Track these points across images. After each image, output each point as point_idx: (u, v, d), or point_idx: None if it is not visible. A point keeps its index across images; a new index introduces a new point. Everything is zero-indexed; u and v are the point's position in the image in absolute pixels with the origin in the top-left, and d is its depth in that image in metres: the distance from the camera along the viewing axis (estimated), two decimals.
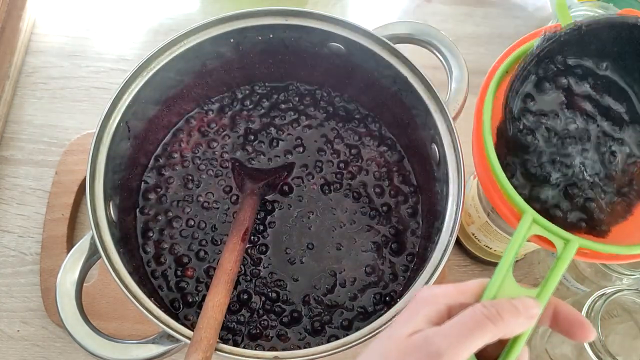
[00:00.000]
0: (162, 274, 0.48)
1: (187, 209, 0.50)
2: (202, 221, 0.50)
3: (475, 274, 0.57)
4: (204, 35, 0.46)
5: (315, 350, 0.38)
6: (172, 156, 0.52)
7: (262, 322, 0.47)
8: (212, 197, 0.51)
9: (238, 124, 0.53)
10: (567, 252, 0.34)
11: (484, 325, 0.28)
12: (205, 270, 0.48)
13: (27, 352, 0.52)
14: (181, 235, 0.49)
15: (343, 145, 0.53)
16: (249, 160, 0.52)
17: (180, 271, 0.48)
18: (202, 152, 0.52)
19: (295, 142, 0.53)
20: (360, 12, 0.71)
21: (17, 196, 0.58)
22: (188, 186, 0.51)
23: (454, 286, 0.32)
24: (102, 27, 0.66)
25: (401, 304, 0.39)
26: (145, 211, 0.50)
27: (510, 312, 0.29)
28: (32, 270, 0.55)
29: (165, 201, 0.50)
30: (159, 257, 0.48)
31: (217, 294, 0.41)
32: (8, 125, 0.61)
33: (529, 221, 0.34)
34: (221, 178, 0.51)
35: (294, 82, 0.55)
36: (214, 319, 0.39)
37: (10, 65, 0.61)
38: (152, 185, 0.51)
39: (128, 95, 0.44)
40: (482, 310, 0.29)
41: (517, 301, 0.30)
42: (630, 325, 0.47)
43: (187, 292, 0.47)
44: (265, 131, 0.53)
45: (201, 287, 0.48)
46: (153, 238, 0.49)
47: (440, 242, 0.41)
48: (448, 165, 0.43)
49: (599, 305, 0.44)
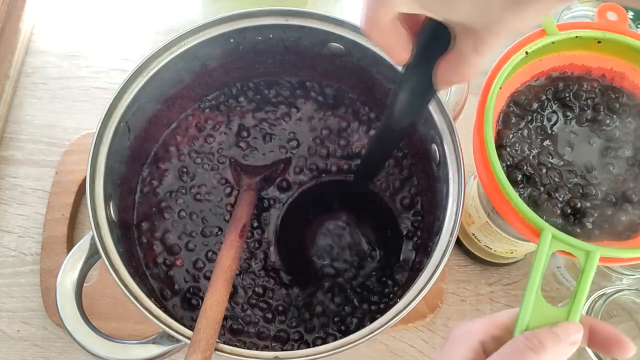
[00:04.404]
0: (154, 262, 0.48)
1: (179, 200, 0.50)
2: (194, 213, 0.50)
3: (476, 274, 0.57)
4: (204, 36, 0.46)
5: (315, 350, 0.38)
6: (168, 150, 0.52)
7: (246, 318, 0.47)
8: (205, 188, 0.51)
9: (232, 121, 0.53)
10: (590, 263, 0.33)
11: (527, 357, 0.28)
12: (194, 262, 0.48)
13: (27, 352, 0.52)
14: (172, 225, 0.49)
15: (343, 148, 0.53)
16: (244, 156, 0.52)
17: (170, 261, 0.48)
18: (198, 145, 0.52)
19: (289, 135, 0.53)
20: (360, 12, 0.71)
21: (17, 196, 0.58)
22: (183, 179, 0.51)
23: (486, 320, 0.32)
24: (102, 27, 0.66)
25: (401, 305, 0.39)
26: (140, 202, 0.50)
27: (552, 340, 0.29)
28: (32, 270, 0.55)
29: (159, 193, 0.50)
30: (151, 246, 0.48)
31: (215, 293, 0.40)
32: (8, 125, 0.61)
33: (549, 239, 0.34)
34: (216, 172, 0.51)
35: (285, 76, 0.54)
36: (212, 318, 0.39)
37: (10, 65, 0.61)
38: (147, 177, 0.51)
39: (128, 95, 0.44)
40: (524, 342, 0.29)
41: (557, 328, 0.30)
42: (630, 325, 0.47)
43: (175, 281, 0.48)
44: (259, 126, 0.53)
45: (188, 278, 0.48)
46: (144, 228, 0.49)
47: (440, 243, 0.41)
48: (448, 165, 0.43)
49: (599, 305, 0.44)
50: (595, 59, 0.43)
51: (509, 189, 0.36)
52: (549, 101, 0.42)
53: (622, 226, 0.38)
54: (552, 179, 0.40)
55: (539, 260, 0.33)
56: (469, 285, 0.57)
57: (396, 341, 0.54)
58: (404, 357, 0.54)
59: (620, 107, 0.42)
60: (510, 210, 0.37)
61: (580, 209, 0.39)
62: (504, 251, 0.52)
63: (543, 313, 0.31)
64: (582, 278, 0.32)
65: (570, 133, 0.42)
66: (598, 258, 0.33)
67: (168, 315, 0.39)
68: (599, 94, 0.43)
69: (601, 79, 0.43)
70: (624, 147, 0.41)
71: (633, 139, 0.41)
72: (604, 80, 0.43)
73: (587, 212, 0.38)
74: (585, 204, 0.39)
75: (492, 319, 0.32)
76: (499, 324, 0.31)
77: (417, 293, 0.39)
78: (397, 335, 0.54)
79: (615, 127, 0.42)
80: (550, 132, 0.41)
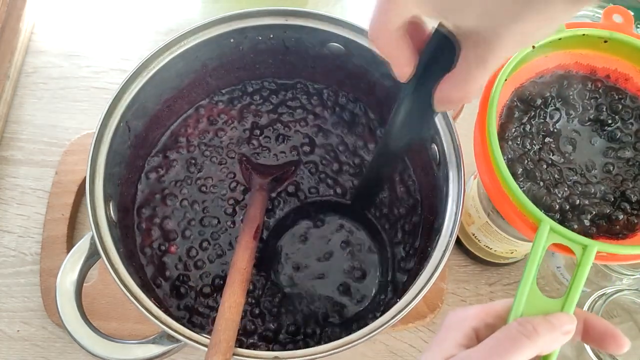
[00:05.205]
0: (150, 246, 0.49)
1: (184, 190, 0.51)
2: (196, 202, 0.50)
3: (475, 274, 0.57)
4: (204, 35, 0.46)
5: (315, 350, 0.38)
6: (178, 140, 0.52)
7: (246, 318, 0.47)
8: (212, 181, 0.51)
9: (246, 118, 0.53)
10: (587, 257, 0.33)
11: (521, 343, 0.28)
12: (187, 249, 0.49)
13: (27, 352, 0.52)
14: (173, 213, 0.50)
15: (346, 148, 0.53)
16: (254, 154, 0.52)
17: (165, 246, 0.49)
18: (208, 139, 0.53)
19: (303, 140, 0.53)
20: (360, 12, 0.71)
21: (17, 196, 0.58)
22: (190, 170, 0.51)
23: (480, 308, 0.32)
24: (102, 27, 0.66)
25: (401, 304, 0.39)
26: (144, 190, 0.51)
27: (546, 327, 0.29)
28: (32, 270, 0.55)
29: (164, 181, 0.51)
30: (149, 231, 0.49)
31: (233, 295, 0.40)
32: (8, 125, 0.61)
33: (547, 230, 0.34)
34: (224, 166, 0.52)
35: (302, 80, 0.54)
36: (231, 320, 0.39)
37: (10, 65, 0.61)
38: (155, 166, 0.51)
39: (128, 95, 0.44)
40: (517, 328, 0.29)
41: (552, 317, 0.30)
42: (630, 325, 0.47)
43: (168, 267, 0.48)
44: (272, 127, 0.53)
45: (180, 266, 0.48)
46: (145, 214, 0.50)
47: (440, 243, 0.41)
48: (448, 165, 0.43)
49: (599, 305, 0.44)
50: (601, 59, 0.43)
51: (509, 178, 0.36)
52: (552, 98, 0.42)
53: (619, 225, 0.38)
54: (552, 175, 0.40)
55: (535, 251, 0.33)
56: (469, 285, 0.57)
57: (396, 341, 0.54)
58: (404, 357, 0.54)
59: (623, 109, 0.42)
60: (508, 203, 0.37)
61: (578, 206, 0.39)
62: (504, 251, 0.52)
63: (537, 304, 0.31)
64: (577, 272, 0.33)
65: (572, 131, 0.42)
66: (595, 252, 0.34)
67: (168, 315, 0.39)
68: (603, 95, 0.43)
69: (605, 80, 0.43)
70: (624, 148, 0.41)
71: (634, 140, 0.42)
72: (608, 81, 0.43)
73: (585, 209, 0.39)
74: (584, 202, 0.39)
75: (486, 307, 0.32)
76: (493, 313, 0.32)
77: (417, 293, 0.39)
78: (397, 335, 0.54)
79: (617, 128, 0.42)
80: (553, 129, 0.42)
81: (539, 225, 0.35)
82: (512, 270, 0.58)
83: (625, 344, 0.31)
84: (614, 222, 0.38)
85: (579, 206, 0.39)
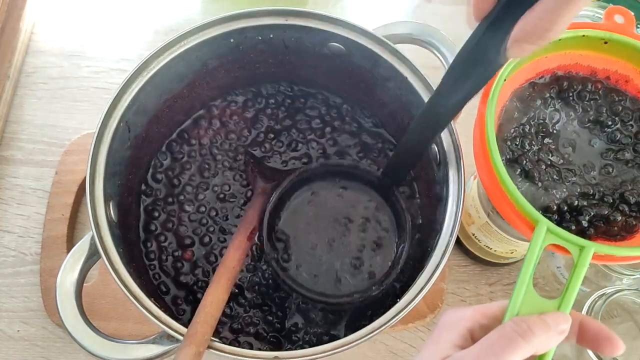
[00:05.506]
0: (159, 247, 0.50)
1: (200, 196, 0.52)
2: (204, 205, 0.51)
3: (475, 274, 0.57)
4: (204, 35, 0.46)
5: (315, 350, 0.38)
6: (190, 142, 0.53)
7: (247, 318, 0.48)
8: (229, 189, 0.52)
9: (260, 120, 0.54)
10: (583, 258, 0.33)
11: (516, 342, 0.28)
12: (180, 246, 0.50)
13: (27, 352, 0.52)
14: (190, 219, 0.51)
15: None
16: (264, 158, 0.52)
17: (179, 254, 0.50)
18: (220, 142, 0.53)
19: (318, 153, 0.53)
20: (360, 12, 0.71)
21: (17, 196, 0.58)
22: (204, 174, 0.52)
23: (475, 309, 0.32)
24: (102, 27, 0.66)
25: (401, 304, 0.39)
26: (151, 193, 0.52)
27: (541, 326, 0.29)
28: (32, 270, 0.55)
29: (176, 184, 0.52)
30: (158, 237, 0.50)
31: (216, 291, 0.41)
32: (8, 125, 0.61)
33: (544, 231, 0.34)
34: (236, 172, 0.52)
35: (321, 90, 0.55)
36: (210, 315, 0.39)
37: (10, 65, 0.61)
38: (163, 168, 0.52)
39: (128, 95, 0.44)
40: (512, 327, 0.29)
41: (547, 316, 0.30)
42: (630, 325, 0.47)
43: (181, 273, 0.49)
44: (288, 132, 0.54)
45: (172, 261, 0.49)
46: (159, 219, 0.51)
47: (440, 243, 0.41)
48: (448, 165, 0.43)
49: (599, 305, 0.44)
50: (601, 60, 0.43)
51: (507, 179, 0.36)
52: (552, 99, 0.42)
53: (617, 226, 0.38)
54: (551, 176, 0.40)
55: (532, 252, 0.33)
56: (469, 285, 0.57)
57: (396, 341, 0.54)
58: (404, 357, 0.54)
59: (623, 111, 0.42)
60: (507, 203, 0.37)
61: (577, 207, 0.39)
62: (504, 251, 0.52)
63: (534, 304, 0.31)
64: (574, 272, 0.33)
65: (571, 132, 0.42)
66: (592, 254, 0.34)
67: (168, 314, 0.39)
68: (603, 96, 0.43)
69: (605, 81, 0.43)
70: (624, 150, 0.41)
71: (634, 142, 0.41)
72: (608, 82, 0.43)
73: (583, 210, 0.39)
74: (582, 203, 0.39)
75: (482, 308, 0.32)
76: (489, 314, 0.32)
77: (417, 293, 0.39)
78: (397, 335, 0.54)
79: (617, 129, 0.42)
80: (552, 130, 0.42)
81: (536, 226, 0.35)
82: (512, 270, 0.58)
83: (620, 347, 0.31)
84: (612, 224, 0.38)
85: (577, 207, 0.39)
